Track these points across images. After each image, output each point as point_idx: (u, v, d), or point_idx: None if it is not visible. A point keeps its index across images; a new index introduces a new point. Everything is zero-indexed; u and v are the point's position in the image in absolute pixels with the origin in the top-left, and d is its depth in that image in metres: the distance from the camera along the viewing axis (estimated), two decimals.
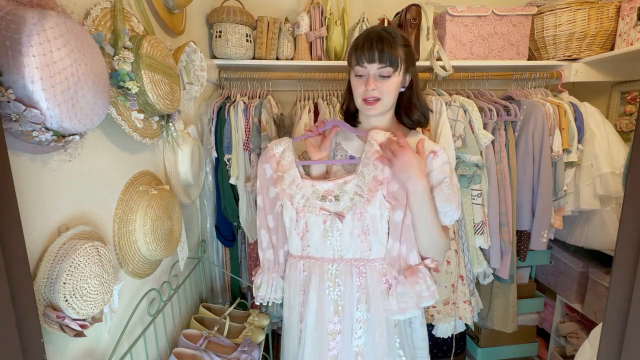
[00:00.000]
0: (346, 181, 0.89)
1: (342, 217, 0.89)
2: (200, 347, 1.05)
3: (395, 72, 0.86)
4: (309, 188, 0.91)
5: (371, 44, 0.85)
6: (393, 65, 0.85)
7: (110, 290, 0.65)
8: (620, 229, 0.47)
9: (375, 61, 0.85)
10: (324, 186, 0.91)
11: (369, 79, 0.87)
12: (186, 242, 1.09)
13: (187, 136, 1.12)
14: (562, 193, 1.50)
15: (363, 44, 0.86)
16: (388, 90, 0.87)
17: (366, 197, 0.87)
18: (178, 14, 1.14)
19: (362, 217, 0.88)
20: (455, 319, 1.45)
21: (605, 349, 0.50)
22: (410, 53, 0.89)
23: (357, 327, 0.90)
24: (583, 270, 1.69)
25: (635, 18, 1.36)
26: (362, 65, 0.87)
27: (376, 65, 0.85)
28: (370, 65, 0.86)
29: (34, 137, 0.50)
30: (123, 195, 0.81)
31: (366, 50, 0.85)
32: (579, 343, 1.67)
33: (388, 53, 0.84)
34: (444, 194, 0.87)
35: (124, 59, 0.70)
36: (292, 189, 0.92)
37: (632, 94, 1.60)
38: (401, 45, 0.86)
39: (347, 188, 0.89)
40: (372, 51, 0.84)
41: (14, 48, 0.44)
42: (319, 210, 0.90)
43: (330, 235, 0.91)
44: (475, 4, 1.56)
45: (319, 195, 0.91)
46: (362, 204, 0.87)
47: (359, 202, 0.87)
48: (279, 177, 0.93)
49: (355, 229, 0.89)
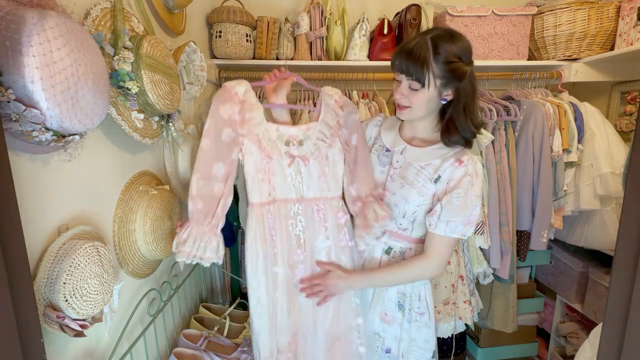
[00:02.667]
0: (309, 127, 0.96)
1: (307, 160, 0.94)
2: (200, 347, 1.05)
3: (423, 88, 0.85)
4: (274, 132, 0.92)
5: (402, 57, 0.85)
6: (421, 82, 0.84)
7: (110, 290, 0.65)
8: (620, 229, 0.47)
9: (404, 73, 0.86)
10: (288, 131, 0.94)
11: (400, 86, 0.89)
12: None
13: (187, 136, 1.12)
14: (562, 193, 1.50)
15: (398, 53, 0.87)
16: (417, 102, 0.88)
17: (328, 142, 0.96)
18: (178, 14, 1.14)
19: (324, 161, 0.96)
20: (455, 319, 1.45)
21: (605, 348, 0.50)
22: (453, 69, 0.84)
23: (320, 256, 0.97)
24: (583, 270, 1.68)
25: (635, 18, 1.36)
26: (397, 74, 0.89)
27: (406, 77, 0.86)
28: (401, 76, 0.88)
29: (34, 137, 0.50)
30: (123, 195, 0.81)
31: (397, 61, 0.87)
32: (579, 343, 1.67)
33: (414, 69, 0.83)
34: (451, 205, 0.87)
35: (124, 59, 0.70)
36: (260, 130, 0.90)
37: (632, 94, 1.60)
38: (442, 62, 0.83)
39: (310, 134, 0.95)
40: (401, 64, 0.86)
41: (14, 48, 0.44)
42: (284, 153, 0.93)
43: (294, 178, 0.94)
44: (475, 4, 1.56)
45: (283, 140, 0.93)
46: (325, 148, 0.96)
47: (322, 146, 0.96)
48: (247, 118, 0.89)
49: (317, 172, 0.96)
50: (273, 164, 0.92)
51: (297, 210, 0.95)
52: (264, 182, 0.91)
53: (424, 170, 0.93)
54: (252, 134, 0.89)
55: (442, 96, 0.88)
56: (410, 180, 0.94)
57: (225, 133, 0.87)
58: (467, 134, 0.90)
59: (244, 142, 0.89)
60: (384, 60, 1.56)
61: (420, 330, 1.00)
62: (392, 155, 0.99)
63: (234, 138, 0.88)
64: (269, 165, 0.91)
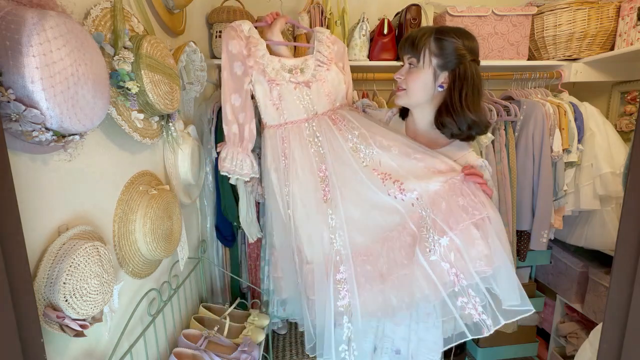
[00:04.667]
0: (307, 58, 1.11)
1: (310, 84, 1.05)
2: (200, 347, 1.05)
3: (419, 63, 0.87)
4: (277, 63, 1.05)
5: (406, 38, 0.90)
6: (416, 56, 0.87)
7: (110, 290, 0.65)
8: (620, 229, 0.47)
9: (404, 51, 0.90)
10: (289, 62, 1.07)
11: (402, 68, 0.93)
12: (186, 242, 1.09)
13: (187, 136, 1.12)
14: (562, 193, 1.50)
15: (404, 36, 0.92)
16: (412, 81, 0.90)
17: (326, 67, 1.09)
18: (178, 14, 1.14)
19: (326, 83, 1.07)
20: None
21: (605, 348, 0.50)
22: (451, 49, 0.84)
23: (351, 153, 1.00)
24: (583, 270, 1.68)
25: (635, 18, 1.35)
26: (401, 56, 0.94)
27: (406, 55, 0.91)
28: (403, 57, 0.92)
29: (34, 137, 0.50)
30: (123, 195, 0.81)
31: (402, 41, 0.92)
32: (579, 343, 1.67)
33: (411, 42, 0.87)
34: None
35: (124, 59, 0.70)
36: (265, 60, 1.03)
37: (632, 94, 1.60)
38: (439, 39, 0.85)
39: (309, 63, 1.10)
40: (404, 43, 0.90)
41: (14, 48, 0.44)
42: (288, 80, 1.04)
43: (302, 99, 1.04)
44: (475, 4, 1.56)
45: (286, 69, 1.05)
46: (324, 72, 1.09)
47: (321, 70, 1.09)
48: (252, 51, 1.03)
49: (322, 92, 1.06)
50: (281, 91, 1.03)
51: (312, 129, 1.04)
52: (274, 107, 1.04)
53: None
54: (258, 65, 1.02)
55: (439, 82, 0.88)
56: None
57: (236, 66, 1.02)
58: (463, 123, 0.86)
59: (252, 73, 1.02)
60: (384, 60, 1.56)
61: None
62: None
63: (244, 70, 1.02)
64: (276, 92, 1.03)
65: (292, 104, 1.04)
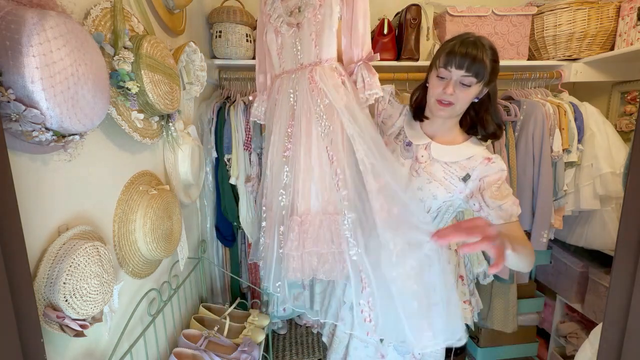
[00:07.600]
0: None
1: (301, 25, 1.03)
2: (200, 347, 1.05)
3: (477, 84, 0.87)
4: (280, 8, 1.08)
5: (466, 52, 0.85)
6: (478, 77, 0.85)
7: (110, 290, 0.65)
8: (620, 229, 0.47)
9: (463, 69, 0.85)
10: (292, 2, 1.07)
11: (449, 83, 0.88)
12: (186, 242, 1.09)
13: (187, 136, 1.12)
14: (562, 193, 1.50)
15: (458, 49, 0.86)
16: (464, 99, 0.89)
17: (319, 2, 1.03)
18: (178, 14, 1.14)
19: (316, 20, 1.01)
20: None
21: (605, 348, 0.50)
22: (495, 69, 0.89)
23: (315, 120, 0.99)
24: (583, 270, 1.68)
25: (635, 18, 1.35)
26: (448, 69, 0.87)
27: (462, 72, 0.86)
28: (455, 71, 0.86)
29: (34, 137, 0.50)
30: (123, 195, 0.81)
31: (459, 55, 0.85)
32: (579, 343, 1.67)
33: (478, 64, 0.84)
34: (491, 192, 0.90)
35: (124, 59, 0.70)
36: (271, 9, 1.09)
37: (632, 94, 1.60)
38: (490, 59, 0.86)
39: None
40: (465, 58, 0.84)
41: (14, 48, 0.44)
42: (287, 24, 1.06)
43: (294, 46, 1.05)
44: (475, 4, 1.56)
45: (289, 11, 1.07)
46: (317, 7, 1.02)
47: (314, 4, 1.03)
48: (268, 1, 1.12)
49: (311, 34, 1.02)
50: (282, 40, 1.07)
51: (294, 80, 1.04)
52: (277, 55, 1.10)
53: (450, 167, 0.95)
54: (266, 15, 1.11)
55: (479, 95, 0.91)
56: (438, 177, 0.95)
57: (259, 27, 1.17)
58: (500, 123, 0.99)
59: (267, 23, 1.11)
60: (384, 60, 1.56)
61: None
62: (415, 150, 1.00)
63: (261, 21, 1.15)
64: (279, 41, 1.08)
65: (289, 53, 1.07)
